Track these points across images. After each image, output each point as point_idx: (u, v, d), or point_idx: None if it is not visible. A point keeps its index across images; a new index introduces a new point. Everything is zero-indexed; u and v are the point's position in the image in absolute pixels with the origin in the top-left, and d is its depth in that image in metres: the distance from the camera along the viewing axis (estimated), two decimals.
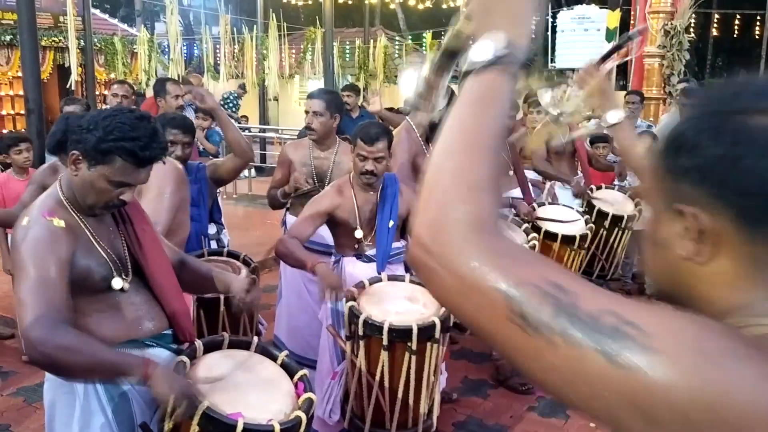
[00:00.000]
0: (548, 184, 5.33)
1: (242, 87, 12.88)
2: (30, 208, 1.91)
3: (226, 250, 3.36)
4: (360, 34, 16.36)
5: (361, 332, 2.62)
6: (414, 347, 2.59)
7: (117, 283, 1.95)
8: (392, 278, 3.00)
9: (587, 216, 4.51)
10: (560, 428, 3.65)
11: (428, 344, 2.63)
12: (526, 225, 4.02)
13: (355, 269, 3.13)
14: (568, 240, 4.09)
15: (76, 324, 1.82)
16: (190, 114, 5.99)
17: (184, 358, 1.96)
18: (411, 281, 2.97)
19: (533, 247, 3.71)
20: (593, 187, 4.97)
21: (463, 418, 3.71)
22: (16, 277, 1.78)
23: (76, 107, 4.66)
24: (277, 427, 1.81)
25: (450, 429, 3.56)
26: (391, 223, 3.14)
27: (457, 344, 4.45)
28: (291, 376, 2.08)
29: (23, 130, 8.61)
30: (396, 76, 16.48)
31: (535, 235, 3.90)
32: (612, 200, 4.82)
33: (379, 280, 2.97)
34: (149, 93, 9.92)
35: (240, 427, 1.75)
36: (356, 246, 3.19)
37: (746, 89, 0.74)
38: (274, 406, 1.92)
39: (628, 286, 5.98)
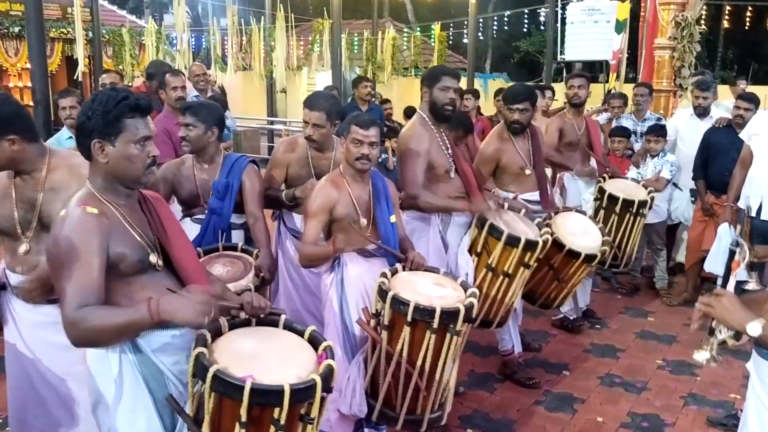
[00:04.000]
0: (558, 175, 5.28)
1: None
2: (67, 203, 2.02)
3: (240, 245, 3.31)
4: (368, 26, 16.32)
5: (410, 318, 2.66)
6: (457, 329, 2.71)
7: (153, 257, 2.06)
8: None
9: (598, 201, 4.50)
10: (567, 422, 3.63)
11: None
12: (538, 219, 3.81)
13: (356, 267, 3.05)
14: (572, 254, 3.84)
15: (109, 303, 1.91)
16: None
17: (205, 332, 1.98)
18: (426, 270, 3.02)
19: (545, 242, 3.51)
20: (605, 176, 4.90)
21: (469, 412, 3.69)
22: (55, 264, 1.89)
23: (71, 99, 4.63)
24: (287, 388, 1.82)
25: (456, 423, 3.55)
26: (393, 218, 3.12)
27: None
28: (316, 349, 2.09)
29: None
30: (405, 68, 16.42)
31: (547, 230, 3.66)
32: (623, 187, 4.77)
33: (396, 271, 2.96)
34: None
35: (248, 387, 1.79)
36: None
37: None
38: (291, 371, 1.93)
39: (637, 279, 5.94)
